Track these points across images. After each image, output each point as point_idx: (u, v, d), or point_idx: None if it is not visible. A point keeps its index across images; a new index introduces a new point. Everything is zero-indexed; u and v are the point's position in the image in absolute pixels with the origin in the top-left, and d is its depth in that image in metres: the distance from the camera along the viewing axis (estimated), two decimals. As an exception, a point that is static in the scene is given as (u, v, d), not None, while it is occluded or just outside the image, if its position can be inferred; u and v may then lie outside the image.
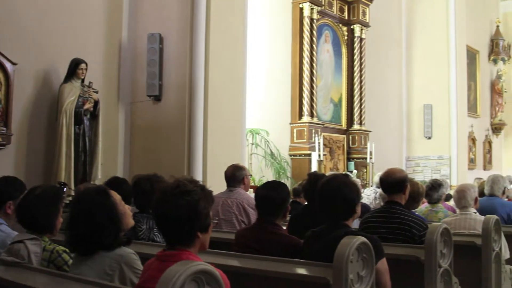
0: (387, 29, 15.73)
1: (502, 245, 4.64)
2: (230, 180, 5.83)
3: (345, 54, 13.29)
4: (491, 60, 21.65)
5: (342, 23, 13.24)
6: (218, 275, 1.96)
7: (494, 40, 21.72)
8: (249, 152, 10.49)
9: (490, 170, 19.93)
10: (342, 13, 13.22)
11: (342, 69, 13.21)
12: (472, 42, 19.36)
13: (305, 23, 11.78)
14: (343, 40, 13.25)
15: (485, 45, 21.47)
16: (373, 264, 2.83)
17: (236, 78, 8.23)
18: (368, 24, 13.66)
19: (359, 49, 13.36)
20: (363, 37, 13.47)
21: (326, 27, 12.86)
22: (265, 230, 3.68)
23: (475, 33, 19.65)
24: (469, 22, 17.98)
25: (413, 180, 5.02)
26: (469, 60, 18.58)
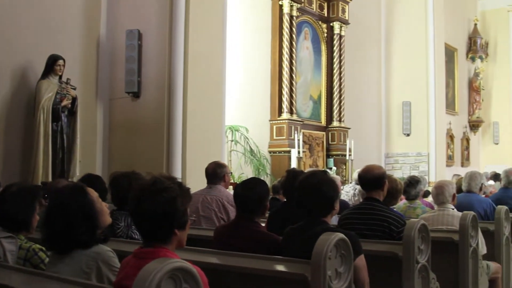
0: (366, 26, 15.79)
1: (479, 241, 4.69)
2: (211, 177, 5.82)
3: (325, 51, 13.31)
4: (469, 58, 21.85)
5: (321, 20, 13.26)
6: (195, 272, 1.95)
7: (472, 38, 21.92)
8: (228, 149, 10.47)
9: (468, 167, 20.11)
10: (321, 10, 13.25)
11: (322, 66, 13.23)
12: (450, 40, 19.51)
13: (285, 20, 11.77)
14: (323, 37, 13.27)
15: (463, 43, 21.66)
16: (351, 260, 2.84)
17: (215, 75, 8.22)
18: (348, 22, 13.70)
19: (338, 47, 13.39)
20: (342, 34, 13.50)
21: (306, 24, 12.87)
22: (243, 227, 3.68)
23: (453, 31, 19.81)
24: (448, 20, 18.13)
25: (392, 177, 5.05)
26: (447, 58, 18.73)
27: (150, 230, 2.35)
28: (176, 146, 7.64)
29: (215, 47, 8.26)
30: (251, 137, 10.94)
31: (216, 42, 8.28)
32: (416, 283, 3.65)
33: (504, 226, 5.49)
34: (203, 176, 5.93)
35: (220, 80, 8.31)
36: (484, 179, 7.11)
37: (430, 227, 4.71)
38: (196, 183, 6.32)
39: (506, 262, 5.59)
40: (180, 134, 7.67)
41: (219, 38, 8.34)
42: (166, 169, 7.56)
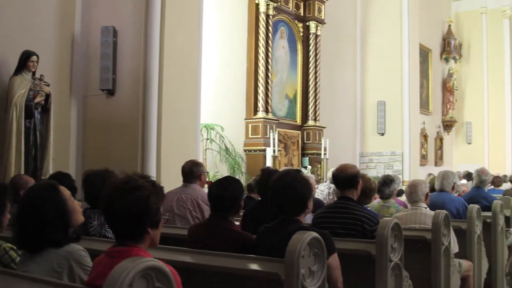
0: (342, 26, 15.88)
1: (451, 240, 4.75)
2: (187, 175, 5.81)
3: (301, 50, 13.35)
4: (443, 59, 22.10)
5: (297, 20, 13.30)
6: (168, 272, 1.94)
7: (446, 39, 22.18)
8: (203, 147, 10.45)
9: (441, 166, 20.35)
10: (298, 9, 13.28)
11: (298, 65, 13.26)
12: (425, 41, 19.71)
13: (261, 19, 11.78)
14: (299, 37, 13.31)
15: (438, 44, 21.91)
16: (324, 259, 2.85)
17: (191, 73, 8.18)
18: (324, 21, 13.75)
19: (314, 46, 13.43)
20: (318, 33, 13.56)
21: (282, 23, 12.89)
22: (217, 226, 3.68)
23: (427, 32, 20.01)
24: (422, 21, 18.30)
25: (366, 176, 5.08)
26: (421, 59, 18.91)
27: (122, 229, 2.34)
28: (151, 144, 7.60)
29: (191, 45, 8.23)
30: (226, 135, 10.93)
31: (192, 40, 8.24)
32: (389, 281, 3.68)
33: (475, 225, 5.57)
34: (178, 174, 5.92)
35: (196, 78, 8.28)
36: (456, 178, 7.20)
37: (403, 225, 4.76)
38: (171, 181, 6.30)
39: (478, 260, 5.66)
40: (155, 132, 7.63)
41: (195, 36, 8.31)
42: (141, 167, 7.51)
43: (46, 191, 2.79)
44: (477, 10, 22.92)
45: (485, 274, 5.94)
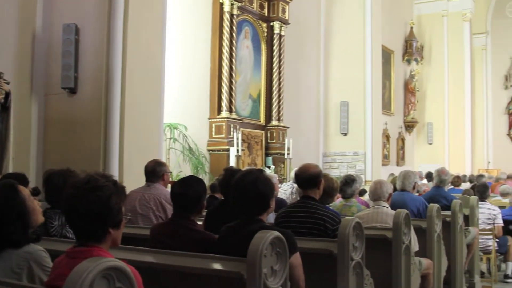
0: (306, 27, 15.97)
1: (412, 238, 4.82)
2: (150, 175, 5.78)
3: (265, 50, 13.38)
4: (405, 60, 22.42)
5: (262, 20, 13.33)
6: (129, 272, 1.93)
7: (408, 41, 22.51)
8: (167, 147, 10.39)
9: (403, 166, 20.64)
10: (262, 9, 13.31)
11: (261, 65, 13.29)
12: (387, 43, 19.96)
13: (225, 19, 11.77)
14: (263, 37, 13.34)
15: (400, 45, 22.22)
16: (286, 258, 2.87)
17: (154, 72, 8.12)
18: (288, 22, 13.81)
19: (278, 46, 13.48)
20: (282, 34, 13.60)
21: (246, 23, 12.90)
22: (180, 226, 3.67)
23: (390, 33, 20.27)
24: (385, 23, 18.52)
25: (328, 176, 5.13)
26: (384, 60, 19.14)
27: (83, 229, 2.31)
28: (113, 144, 7.52)
29: (155, 43, 8.17)
30: (190, 135, 10.89)
31: (155, 38, 8.18)
32: (351, 280, 3.72)
33: (435, 224, 5.67)
34: (140, 174, 5.88)
35: (159, 77, 8.23)
36: (417, 178, 7.32)
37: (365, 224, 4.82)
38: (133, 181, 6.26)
39: (438, 258, 5.76)
40: (117, 132, 7.55)
41: (159, 35, 8.26)
42: (103, 166, 7.43)
43: (5, 191, 2.75)
44: (438, 13, 23.33)
45: (445, 272, 6.05)
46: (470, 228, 7.21)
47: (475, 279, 7.51)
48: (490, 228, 8.14)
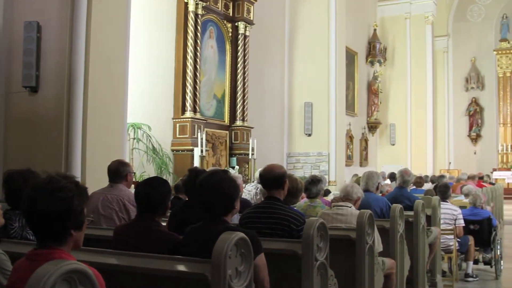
0: (270, 28, 16.00)
1: (375, 238, 4.85)
2: (113, 175, 5.70)
3: (229, 50, 13.36)
4: (368, 62, 22.66)
5: (226, 20, 13.31)
6: (91, 274, 1.89)
7: (371, 42, 22.74)
8: (130, 147, 10.30)
9: (366, 167, 20.87)
10: (227, 9, 13.28)
11: (226, 66, 13.27)
12: (351, 44, 20.14)
13: (190, 18, 11.71)
14: (228, 37, 13.32)
15: (363, 47, 22.44)
16: (251, 259, 2.85)
17: (117, 71, 8.04)
18: (252, 22, 13.81)
19: (243, 46, 13.48)
20: (247, 34, 13.60)
21: (211, 23, 12.86)
22: (144, 227, 3.62)
23: (354, 35, 20.46)
24: (349, 25, 18.68)
25: (292, 176, 5.14)
26: (348, 61, 19.30)
27: (44, 231, 2.26)
28: (76, 144, 7.41)
29: (118, 42, 8.08)
30: (153, 135, 10.81)
31: (119, 37, 8.10)
32: (315, 280, 3.73)
33: (398, 224, 5.71)
34: (103, 174, 5.81)
35: (123, 76, 8.14)
36: (380, 178, 7.38)
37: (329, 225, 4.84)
38: (96, 181, 6.19)
39: (400, 258, 5.82)
40: (80, 131, 7.44)
41: (122, 33, 8.17)
42: (65, 167, 7.32)
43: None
44: (401, 15, 23.64)
45: (407, 272, 6.11)
46: (432, 228, 7.29)
47: (436, 278, 7.60)
48: (451, 228, 8.26)
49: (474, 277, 8.67)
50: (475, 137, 27.30)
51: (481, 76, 27.50)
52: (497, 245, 8.89)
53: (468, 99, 27.53)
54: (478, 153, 27.25)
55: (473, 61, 27.42)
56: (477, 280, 8.66)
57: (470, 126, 27.46)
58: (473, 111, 27.39)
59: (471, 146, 27.42)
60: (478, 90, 27.48)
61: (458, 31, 27.59)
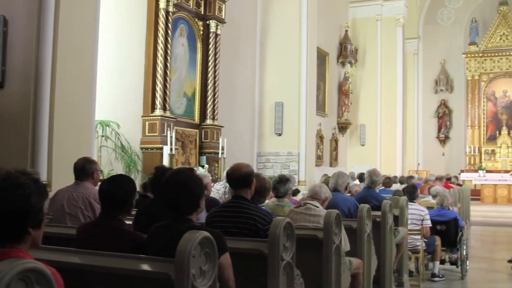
0: (242, 27, 15.97)
1: (342, 238, 4.87)
2: (79, 173, 5.63)
3: (200, 49, 13.29)
4: (339, 63, 22.77)
5: (198, 18, 13.23)
6: (49, 274, 1.85)
7: (343, 43, 22.86)
8: (98, 144, 10.18)
9: (336, 167, 20.97)
10: (198, 7, 13.21)
11: (197, 64, 13.19)
12: (323, 44, 20.21)
13: (161, 15, 11.62)
14: (199, 35, 13.25)
15: (335, 48, 22.54)
16: (215, 258, 2.83)
17: (86, 68, 7.93)
18: (224, 21, 13.76)
19: (214, 45, 13.41)
20: (218, 33, 13.54)
21: (182, 21, 12.78)
22: (107, 225, 3.57)
23: (325, 36, 20.55)
24: (320, 25, 18.75)
25: (260, 175, 5.11)
26: (319, 61, 19.37)
27: (1, 229, 2.19)
28: (42, 141, 7.30)
29: (87, 38, 7.98)
30: (122, 133, 10.70)
31: (88, 33, 7.99)
32: (281, 280, 3.72)
33: (366, 224, 5.75)
34: (70, 172, 5.73)
35: (91, 73, 8.04)
36: (349, 178, 7.42)
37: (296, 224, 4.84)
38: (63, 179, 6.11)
39: (367, 258, 5.85)
40: (46, 128, 7.32)
41: (91, 29, 8.07)
42: (31, 164, 7.20)
43: None
44: (373, 17, 23.80)
45: (374, 271, 6.15)
46: (399, 228, 7.35)
47: (403, 278, 7.67)
48: (418, 228, 8.33)
49: (441, 277, 8.77)
50: (443, 139, 27.62)
51: (450, 78, 27.83)
52: (463, 245, 9.00)
53: (437, 101, 27.85)
54: (446, 154, 27.58)
55: (442, 63, 27.74)
56: (443, 280, 8.76)
57: (439, 128, 27.78)
58: (442, 113, 27.70)
59: (440, 148, 27.74)
60: (447, 93, 27.81)
61: (428, 33, 27.90)
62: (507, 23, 26.28)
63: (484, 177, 24.27)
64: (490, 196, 22.86)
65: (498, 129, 26.14)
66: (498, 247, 13.42)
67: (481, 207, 20.95)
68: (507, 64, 26.29)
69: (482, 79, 26.66)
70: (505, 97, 26.56)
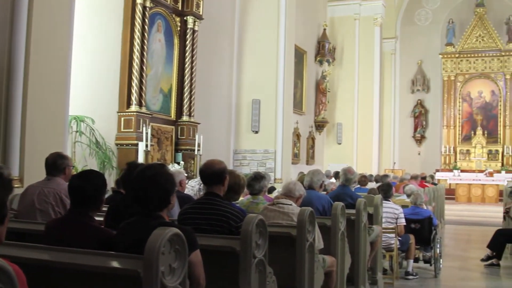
0: (220, 23, 15.91)
1: (316, 236, 4.85)
2: (50, 168, 5.54)
3: (177, 45, 13.19)
4: (317, 61, 22.81)
5: (175, 14, 13.14)
6: (10, 270, 1.80)
7: (320, 42, 22.90)
8: (72, 140, 10.07)
9: (312, 165, 21.03)
10: (175, 3, 13.11)
11: (174, 60, 13.09)
12: (301, 43, 20.22)
13: (138, 11, 11.49)
14: (176, 31, 13.16)
15: (313, 46, 22.57)
16: (186, 256, 2.79)
17: (60, 62, 7.83)
18: (202, 17, 13.68)
19: (191, 41, 13.33)
20: (196, 29, 13.46)
21: (159, 16, 12.67)
22: (76, 221, 3.50)
23: (303, 34, 20.57)
24: (299, 23, 18.75)
25: (234, 172, 5.08)
26: (297, 60, 19.37)
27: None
28: (14, 136, 7.19)
29: (62, 32, 7.88)
30: (97, 128, 10.59)
31: (62, 27, 7.89)
32: (253, 278, 3.69)
33: (340, 222, 5.74)
34: (43, 167, 5.64)
35: (65, 67, 7.94)
36: (324, 176, 7.42)
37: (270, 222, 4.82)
38: (35, 174, 6.03)
39: (341, 255, 5.85)
40: (19, 123, 7.22)
41: (66, 23, 7.97)
42: (2, 159, 7.10)
43: None
44: (351, 16, 23.89)
45: (348, 269, 6.15)
46: (373, 227, 7.36)
47: (377, 276, 7.69)
48: (393, 227, 8.37)
49: (414, 275, 8.81)
50: (419, 138, 27.85)
51: (426, 79, 28.06)
52: (437, 244, 9.06)
53: (414, 101, 28.06)
54: (422, 154, 27.81)
55: (419, 64, 27.95)
56: (417, 278, 8.81)
57: (415, 128, 28.00)
58: (418, 112, 27.92)
59: (416, 147, 27.96)
60: (424, 93, 28.03)
61: (406, 34, 28.10)
62: (483, 25, 26.55)
63: (458, 176, 24.54)
64: (464, 195, 23.13)
65: (473, 129, 26.43)
66: (471, 245, 13.55)
67: (456, 206, 21.17)
68: (482, 65, 26.57)
69: (458, 80, 26.91)
70: (481, 98, 26.85)
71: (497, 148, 26.03)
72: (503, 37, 26.24)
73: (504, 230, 11.06)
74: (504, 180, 22.40)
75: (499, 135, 26.17)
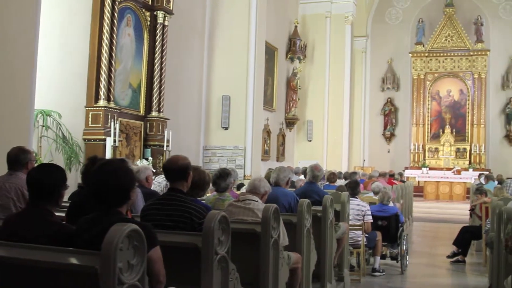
0: (190, 19, 15.82)
1: (281, 232, 4.84)
2: (12, 163, 5.48)
3: (147, 40, 13.07)
4: (288, 58, 22.83)
5: (145, 8, 13.00)
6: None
7: (292, 39, 22.92)
8: (38, 134, 9.91)
9: (282, 162, 21.06)
10: (146, -3, 13.00)
11: (143, 55, 12.96)
12: (272, 40, 20.22)
13: (107, 4, 11.33)
14: (146, 26, 13.03)
15: (284, 43, 22.59)
16: (144, 252, 2.74)
17: (25, 56, 7.69)
18: (172, 12, 13.56)
19: (161, 36, 13.21)
20: (166, 24, 13.34)
21: (129, 11, 12.53)
22: (34, 216, 3.43)
23: (275, 31, 20.57)
24: (270, 20, 18.75)
25: (199, 169, 5.04)
26: (268, 56, 19.37)
27: None
28: (-23, 129, 7.06)
29: (27, 24, 7.73)
30: (64, 123, 10.43)
31: (28, 19, 7.74)
32: (215, 274, 3.66)
33: (305, 219, 5.76)
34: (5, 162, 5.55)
35: (31, 60, 7.79)
36: (291, 173, 7.42)
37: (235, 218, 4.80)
38: (-2, 169, 5.90)
39: (307, 252, 5.86)
40: (-19, 117, 7.09)
41: (32, 16, 7.82)
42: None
43: None
44: (322, 13, 23.96)
45: (314, 266, 6.16)
46: (340, 223, 7.40)
47: (344, 272, 7.74)
48: (360, 224, 8.42)
49: (381, 271, 8.89)
50: (389, 136, 28.08)
51: (396, 77, 28.30)
52: (403, 240, 9.15)
53: (384, 99, 28.29)
54: (391, 151, 28.05)
55: (389, 62, 28.17)
56: (383, 274, 8.88)
57: (384, 125, 28.22)
58: (388, 110, 28.14)
59: (385, 145, 28.20)
60: (394, 91, 28.27)
61: (377, 32, 28.31)
62: (452, 25, 26.85)
63: (427, 174, 24.84)
64: (432, 192, 23.41)
65: (442, 127, 26.75)
66: (438, 242, 13.70)
67: (424, 203, 21.43)
68: (451, 64, 26.88)
69: (427, 79, 27.19)
70: (449, 97, 27.16)
71: (465, 146, 26.38)
72: (471, 37, 26.57)
73: (470, 227, 11.22)
74: (471, 178, 22.75)
75: (467, 133, 26.53)
